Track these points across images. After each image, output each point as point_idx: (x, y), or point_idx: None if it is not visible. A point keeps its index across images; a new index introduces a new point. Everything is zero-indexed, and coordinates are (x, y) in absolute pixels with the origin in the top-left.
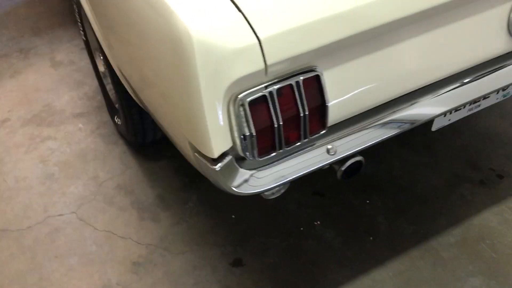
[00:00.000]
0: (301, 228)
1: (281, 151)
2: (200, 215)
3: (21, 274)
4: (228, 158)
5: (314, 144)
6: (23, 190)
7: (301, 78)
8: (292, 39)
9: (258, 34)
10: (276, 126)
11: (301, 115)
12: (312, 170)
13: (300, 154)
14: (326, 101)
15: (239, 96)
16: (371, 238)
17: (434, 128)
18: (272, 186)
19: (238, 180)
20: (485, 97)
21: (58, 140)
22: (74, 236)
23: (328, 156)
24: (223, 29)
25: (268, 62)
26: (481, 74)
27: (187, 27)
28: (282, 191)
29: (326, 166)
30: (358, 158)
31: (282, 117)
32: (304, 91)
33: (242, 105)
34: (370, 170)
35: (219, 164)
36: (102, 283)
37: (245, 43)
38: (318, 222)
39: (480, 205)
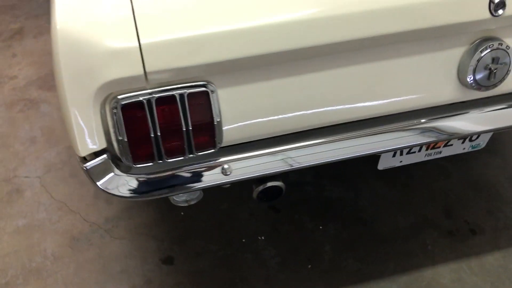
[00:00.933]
0: (243, 240)
1: (161, 162)
2: (152, 205)
3: None
4: (102, 159)
5: (209, 161)
6: (2, 147)
7: (187, 91)
8: (178, 50)
9: (140, 39)
10: (153, 136)
11: (184, 129)
12: (204, 187)
13: (194, 169)
14: (215, 120)
15: (115, 97)
16: (309, 266)
17: (380, 166)
18: (157, 195)
19: (112, 182)
20: (446, 144)
21: (52, 105)
22: (30, 200)
23: (222, 176)
24: (105, 27)
25: (148, 69)
26: (416, 121)
27: (56, 21)
28: (194, 201)
29: (226, 185)
30: (278, 183)
31: (160, 128)
32: (189, 105)
33: (115, 108)
34: (336, 195)
35: (90, 163)
36: (38, 250)
37: (123, 45)
38: (263, 238)
39: (438, 257)
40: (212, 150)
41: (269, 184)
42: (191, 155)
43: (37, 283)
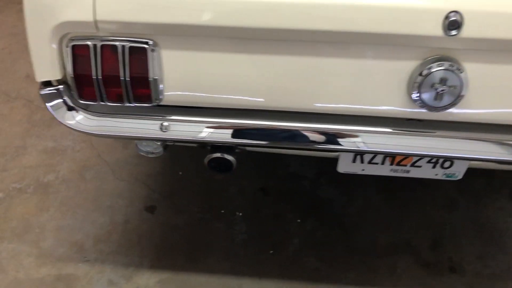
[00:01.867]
0: (222, 211)
1: (103, 103)
2: (158, 160)
3: None
4: (56, 88)
5: (150, 115)
6: None
7: (129, 45)
8: (127, 6)
9: None
10: (95, 78)
11: (122, 78)
12: (140, 137)
13: (136, 118)
14: (151, 77)
15: (70, 37)
16: (271, 252)
17: (340, 169)
18: (98, 134)
19: (59, 110)
20: (414, 164)
21: None
22: (64, 128)
23: (159, 131)
24: None
25: (98, 18)
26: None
27: None
28: (154, 155)
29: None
30: (228, 157)
31: (102, 72)
32: (130, 58)
33: (67, 46)
34: (328, 195)
35: (46, 89)
36: (53, 170)
37: None
38: (240, 214)
39: (402, 284)
40: (149, 104)
41: (218, 155)
42: (129, 104)
43: (41, 196)
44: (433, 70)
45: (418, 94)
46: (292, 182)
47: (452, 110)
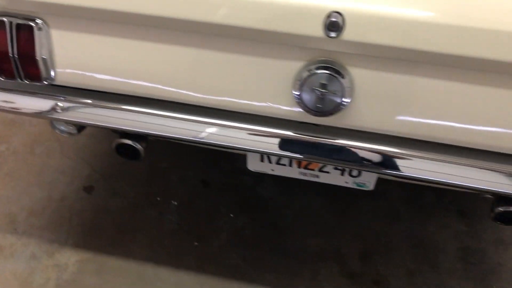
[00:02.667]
0: (158, 198)
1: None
2: (108, 142)
3: None
4: None
5: (44, 94)
6: None
7: (15, 21)
8: None
9: None
10: None
11: (11, 55)
12: (30, 113)
13: (30, 96)
14: (38, 55)
15: None
16: (196, 243)
17: (250, 167)
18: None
19: None
20: (322, 170)
21: None
22: None
23: (52, 111)
24: None
25: None
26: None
27: None
28: (66, 134)
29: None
30: (136, 145)
31: None
32: (17, 36)
33: None
34: (268, 194)
35: None
36: (8, 141)
37: None
38: (175, 203)
39: None
40: (40, 83)
41: (124, 141)
42: (21, 81)
43: None
44: (313, 72)
45: (299, 96)
46: (235, 177)
47: (338, 115)
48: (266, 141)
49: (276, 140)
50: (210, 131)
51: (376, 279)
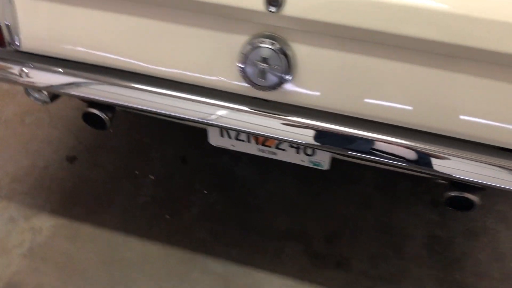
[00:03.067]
0: (136, 172)
1: None
2: None
3: None
4: None
5: (10, 60)
6: None
7: None
8: None
9: None
10: None
11: None
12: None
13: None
14: (1, 21)
15: None
16: (167, 217)
17: (211, 141)
18: None
19: None
20: (278, 147)
21: None
22: None
23: (18, 77)
24: None
25: None
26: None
27: None
28: (40, 102)
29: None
30: (103, 115)
31: None
32: None
33: None
34: (244, 173)
35: None
36: (0, 111)
37: None
38: (152, 177)
39: (282, 268)
40: (5, 48)
41: (92, 110)
42: None
43: None
44: (256, 46)
45: (243, 70)
46: (214, 156)
47: (281, 91)
48: (214, 112)
49: (223, 112)
50: (165, 102)
51: (339, 261)
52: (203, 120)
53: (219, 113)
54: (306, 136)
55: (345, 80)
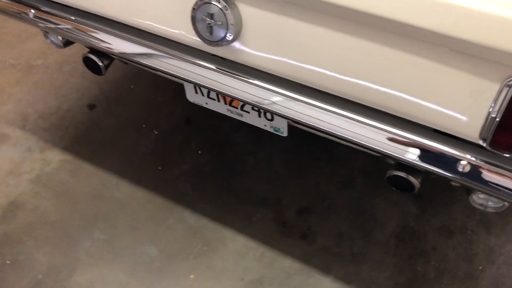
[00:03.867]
0: (144, 125)
1: None
2: (119, 70)
3: None
4: None
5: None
6: None
7: None
8: None
9: None
10: None
11: None
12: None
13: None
14: None
15: None
16: (159, 168)
17: (188, 98)
18: None
19: None
20: (243, 108)
21: None
22: None
23: (29, 17)
24: None
25: None
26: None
27: None
28: (58, 45)
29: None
30: (98, 61)
31: None
32: None
33: None
34: (240, 140)
35: None
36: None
37: None
38: (156, 132)
39: (250, 230)
40: None
41: (90, 55)
42: None
43: (24, 73)
44: (204, 2)
45: (194, 24)
46: (217, 121)
47: (230, 48)
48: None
49: (185, 66)
50: (142, 52)
51: (305, 233)
52: (168, 71)
53: (182, 66)
54: (253, 96)
55: (285, 44)
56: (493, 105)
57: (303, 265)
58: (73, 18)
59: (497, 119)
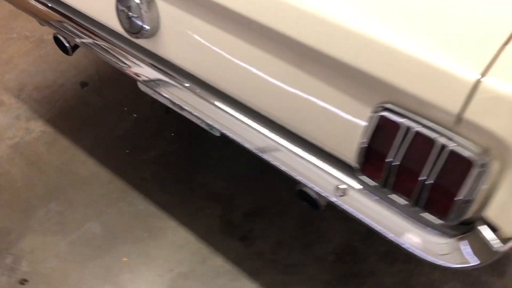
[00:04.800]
0: (125, 108)
1: None
2: None
3: None
4: None
5: None
6: None
7: None
8: None
9: None
10: None
11: None
12: None
13: None
14: None
15: None
16: (127, 151)
17: (140, 87)
18: None
19: None
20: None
21: None
22: None
23: None
24: None
25: None
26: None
27: None
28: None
29: None
30: (65, 41)
31: None
32: None
33: None
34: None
35: None
36: None
37: None
38: (135, 115)
39: (191, 222)
40: None
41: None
42: None
43: (35, 47)
44: None
45: (117, 12)
46: None
47: (149, 40)
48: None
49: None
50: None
51: (246, 236)
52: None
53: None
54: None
55: (195, 43)
56: (363, 131)
57: (234, 267)
58: None
59: (365, 145)
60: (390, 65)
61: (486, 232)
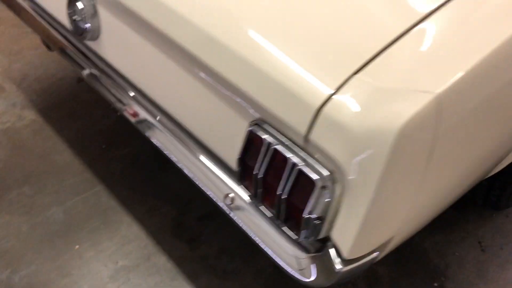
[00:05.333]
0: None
1: None
2: None
3: None
4: None
5: None
6: None
7: None
8: None
9: None
10: None
11: None
12: None
13: None
14: None
15: None
16: (104, 147)
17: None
18: None
19: None
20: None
21: None
22: None
23: None
24: None
25: None
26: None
27: None
28: None
29: None
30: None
31: None
32: None
33: None
34: None
35: None
36: None
37: None
38: (118, 114)
39: (145, 220)
40: None
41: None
42: None
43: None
44: None
45: (68, 13)
46: None
47: (94, 42)
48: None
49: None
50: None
51: (194, 239)
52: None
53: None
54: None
55: (127, 51)
56: (239, 145)
57: (175, 267)
58: None
59: (238, 156)
60: (253, 81)
61: (331, 252)
